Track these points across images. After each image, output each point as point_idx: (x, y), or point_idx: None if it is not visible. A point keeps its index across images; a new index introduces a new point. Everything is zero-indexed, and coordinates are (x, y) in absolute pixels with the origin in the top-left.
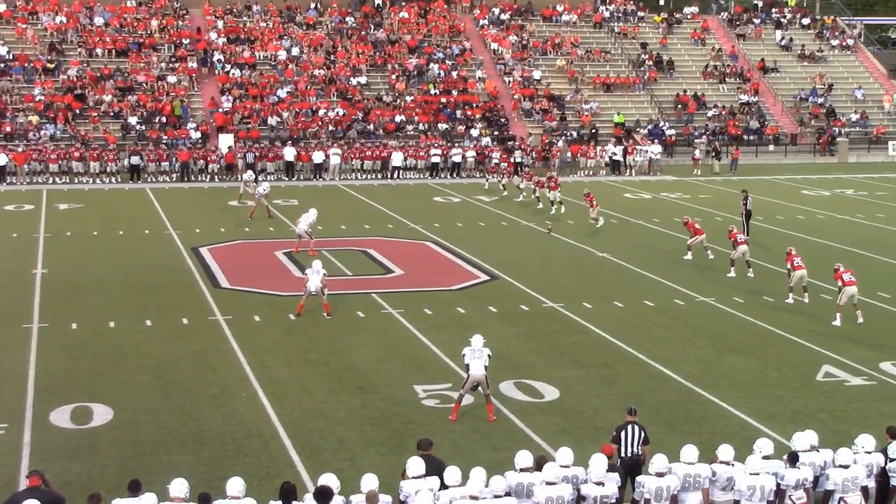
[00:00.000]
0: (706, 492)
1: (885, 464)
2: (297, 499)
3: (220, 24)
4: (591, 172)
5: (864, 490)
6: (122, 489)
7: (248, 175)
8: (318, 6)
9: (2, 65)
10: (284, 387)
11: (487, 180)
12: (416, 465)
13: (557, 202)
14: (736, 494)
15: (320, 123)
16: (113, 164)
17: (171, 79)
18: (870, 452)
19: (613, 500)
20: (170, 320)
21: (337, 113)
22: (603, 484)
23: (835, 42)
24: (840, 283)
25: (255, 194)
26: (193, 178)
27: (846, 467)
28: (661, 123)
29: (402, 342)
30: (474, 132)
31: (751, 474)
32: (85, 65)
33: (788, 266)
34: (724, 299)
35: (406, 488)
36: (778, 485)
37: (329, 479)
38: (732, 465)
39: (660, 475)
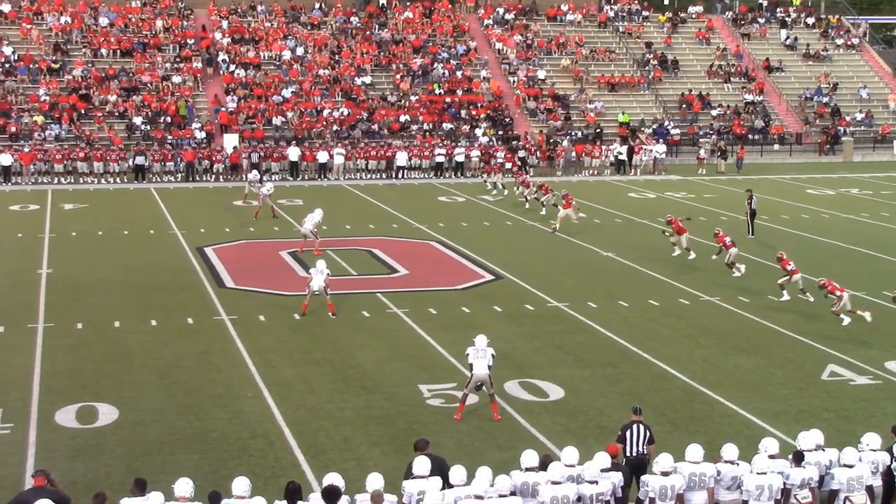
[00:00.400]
0: (711, 491)
1: (891, 463)
2: (303, 498)
3: (224, 24)
4: (595, 172)
5: (870, 489)
6: (127, 489)
7: (253, 175)
8: (323, 6)
9: (7, 65)
10: (289, 386)
11: (486, 180)
12: (420, 464)
13: (551, 205)
14: (745, 494)
15: (325, 123)
16: (117, 164)
17: (176, 79)
18: (875, 451)
19: (609, 498)
20: (175, 320)
21: (341, 113)
22: (596, 482)
23: (840, 41)
24: (838, 294)
25: (259, 194)
26: (198, 178)
27: (851, 466)
28: (666, 123)
29: (407, 342)
30: (478, 132)
31: (758, 474)
32: (90, 65)
33: (789, 268)
34: (729, 299)
35: (408, 489)
36: (784, 484)
37: (334, 479)
38: (737, 464)
39: (665, 474)
